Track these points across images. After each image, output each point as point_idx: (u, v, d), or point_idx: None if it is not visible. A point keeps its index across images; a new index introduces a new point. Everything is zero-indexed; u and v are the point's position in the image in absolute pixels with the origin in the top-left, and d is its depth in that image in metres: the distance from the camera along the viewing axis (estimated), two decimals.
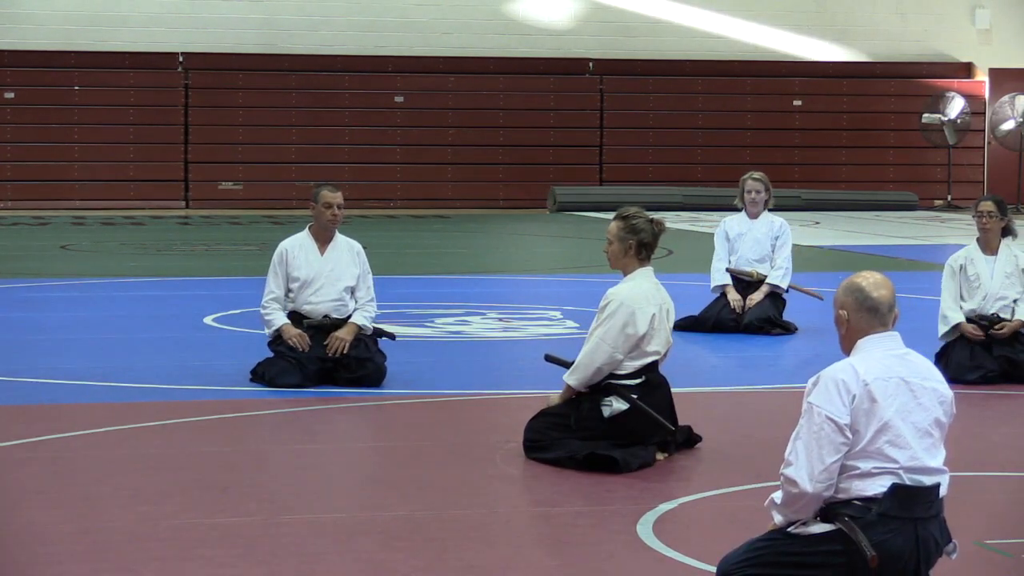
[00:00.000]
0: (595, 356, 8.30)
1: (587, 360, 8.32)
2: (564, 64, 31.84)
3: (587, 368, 8.33)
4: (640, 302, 8.31)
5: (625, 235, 8.40)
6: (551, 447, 8.32)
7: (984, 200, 11.33)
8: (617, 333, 8.27)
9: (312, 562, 6.48)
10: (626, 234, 8.40)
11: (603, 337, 8.28)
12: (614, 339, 8.27)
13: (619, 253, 8.43)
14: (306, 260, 10.76)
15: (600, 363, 8.30)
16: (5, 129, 29.86)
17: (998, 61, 33.30)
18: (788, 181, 31.27)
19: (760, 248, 13.73)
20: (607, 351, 8.28)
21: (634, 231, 8.39)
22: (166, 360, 11.78)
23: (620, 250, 8.42)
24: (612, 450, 8.16)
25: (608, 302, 8.33)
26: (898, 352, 5.27)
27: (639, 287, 8.37)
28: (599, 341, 8.29)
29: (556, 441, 8.31)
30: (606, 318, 8.30)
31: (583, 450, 8.18)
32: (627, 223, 8.41)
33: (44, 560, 6.47)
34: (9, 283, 17.15)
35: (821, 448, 5.14)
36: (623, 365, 8.34)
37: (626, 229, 8.40)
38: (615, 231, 8.42)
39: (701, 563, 6.41)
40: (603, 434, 8.28)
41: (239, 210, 29.84)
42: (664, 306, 8.42)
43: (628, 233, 8.40)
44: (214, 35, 30.71)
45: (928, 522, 5.19)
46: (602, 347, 8.28)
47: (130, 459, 8.41)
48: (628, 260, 8.43)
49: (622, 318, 8.27)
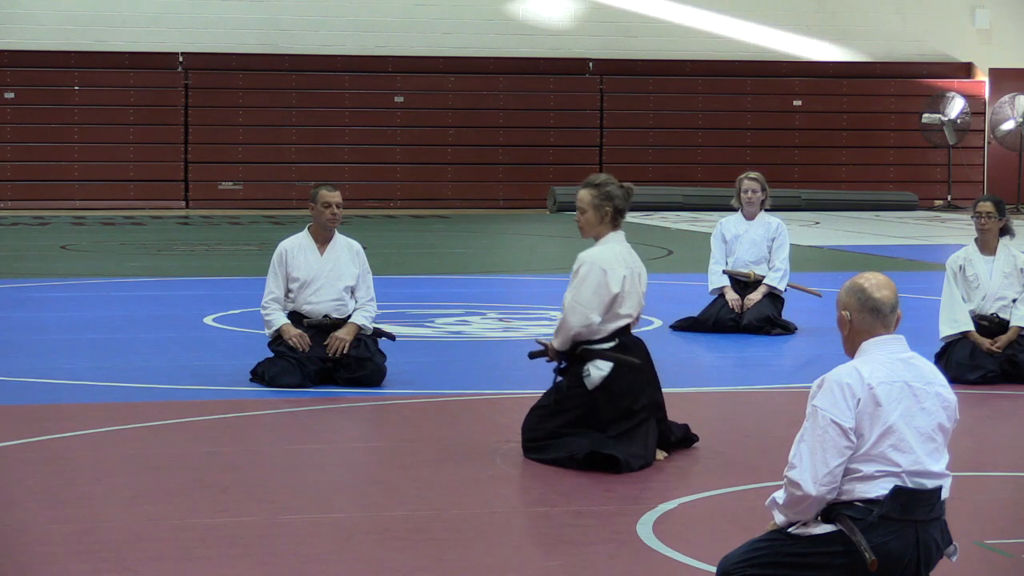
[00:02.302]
0: (572, 319, 8.37)
1: (565, 324, 8.40)
2: (564, 64, 31.84)
3: (566, 332, 8.41)
4: (611, 263, 8.40)
5: (600, 202, 8.49)
6: (549, 448, 8.32)
7: (982, 200, 11.34)
8: (591, 294, 8.36)
9: (312, 562, 6.48)
10: (601, 201, 8.49)
11: (576, 299, 8.38)
12: (588, 300, 8.36)
13: (594, 221, 8.52)
14: (306, 260, 10.76)
15: (577, 325, 8.37)
16: (5, 129, 29.87)
17: (998, 61, 33.29)
18: (788, 181, 31.29)
19: (757, 250, 13.73)
20: (582, 312, 8.35)
21: (608, 197, 8.49)
22: (166, 360, 11.78)
23: (596, 218, 8.51)
24: (614, 448, 8.17)
25: (580, 265, 8.43)
26: (903, 356, 5.27)
27: (611, 250, 8.47)
28: (573, 303, 8.38)
29: (555, 440, 8.32)
30: (579, 281, 8.40)
31: (583, 449, 8.18)
32: (600, 190, 8.50)
33: (44, 560, 6.47)
34: (9, 283, 17.15)
35: (825, 451, 5.13)
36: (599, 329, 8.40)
37: (600, 196, 8.49)
38: (588, 199, 8.50)
39: (701, 563, 6.41)
40: (592, 409, 8.32)
41: (239, 210, 29.84)
42: (635, 269, 8.52)
43: (603, 200, 8.49)
44: (214, 35, 30.71)
45: (929, 525, 5.19)
46: (577, 309, 8.37)
47: (130, 459, 8.41)
48: (603, 227, 8.52)
49: (594, 279, 8.36)
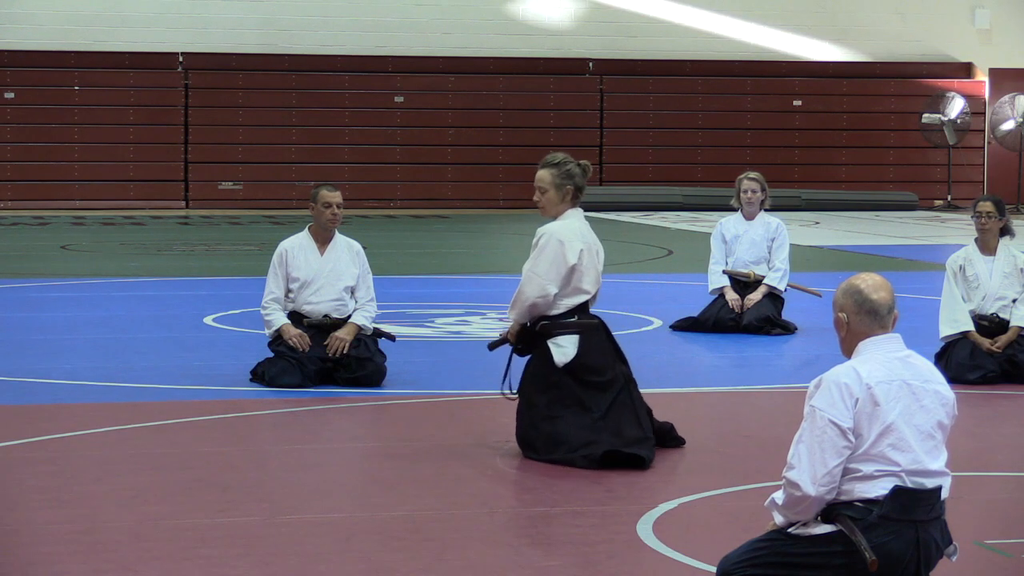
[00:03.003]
0: (528, 289, 8.46)
1: (521, 295, 8.49)
2: (564, 64, 31.84)
3: (523, 303, 8.50)
4: (569, 236, 8.50)
5: (562, 182, 8.59)
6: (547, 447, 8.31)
7: (982, 200, 11.34)
8: (548, 265, 8.45)
9: (312, 562, 6.48)
10: (563, 180, 8.59)
11: (533, 269, 8.47)
12: (545, 271, 8.44)
13: (556, 200, 8.61)
14: (306, 260, 10.76)
15: (533, 296, 8.45)
16: (5, 129, 29.87)
17: (998, 61, 33.30)
18: (788, 181, 31.30)
19: (757, 250, 13.73)
20: (538, 283, 8.44)
21: (569, 176, 8.60)
22: (166, 360, 11.78)
23: (557, 197, 8.60)
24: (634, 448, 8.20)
25: (539, 237, 8.54)
26: (900, 354, 5.27)
27: (570, 225, 8.58)
28: (530, 274, 8.48)
29: (556, 438, 8.31)
30: (537, 252, 8.50)
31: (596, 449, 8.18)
32: (561, 169, 8.60)
33: (44, 560, 6.47)
34: (9, 283, 17.15)
35: (824, 452, 5.13)
36: (556, 304, 8.48)
37: (561, 176, 8.59)
38: (549, 179, 8.59)
39: (701, 563, 6.41)
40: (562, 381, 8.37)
41: (239, 210, 29.84)
42: (593, 246, 8.63)
43: (564, 179, 8.60)
44: (214, 35, 30.71)
45: (929, 524, 5.18)
46: (534, 280, 8.47)
47: (130, 459, 8.41)
48: (564, 206, 8.62)
49: (552, 250, 8.45)
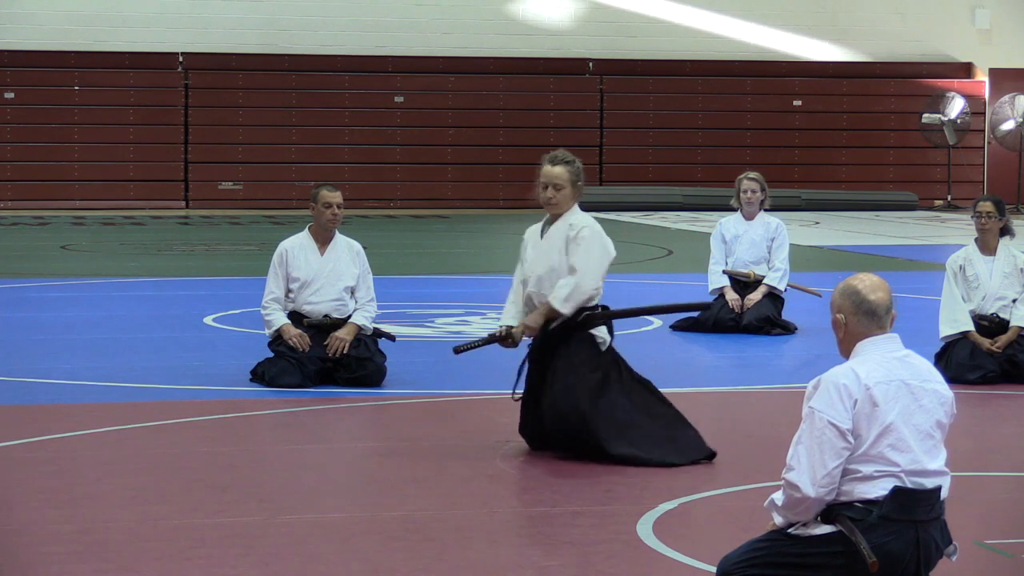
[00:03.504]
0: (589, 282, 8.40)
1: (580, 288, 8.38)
2: (564, 64, 31.84)
3: (581, 295, 8.40)
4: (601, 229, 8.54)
5: (576, 179, 8.61)
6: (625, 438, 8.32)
7: (982, 200, 11.34)
8: (599, 258, 8.46)
9: (312, 562, 6.48)
10: (576, 177, 8.62)
11: (588, 263, 8.42)
12: (598, 264, 8.45)
13: (571, 197, 8.61)
14: (306, 260, 10.77)
15: (591, 289, 8.42)
16: (5, 129, 29.87)
17: (998, 61, 33.29)
18: (788, 181, 31.29)
19: (757, 250, 13.73)
20: (597, 276, 8.44)
21: (580, 174, 8.65)
22: (166, 360, 11.79)
23: (572, 194, 8.61)
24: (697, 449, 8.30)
25: (579, 230, 8.48)
26: (898, 354, 5.26)
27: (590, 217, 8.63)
28: (587, 267, 8.41)
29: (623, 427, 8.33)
30: (587, 247, 8.44)
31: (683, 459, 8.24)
32: (573, 167, 8.63)
33: (44, 560, 6.47)
34: (9, 283, 17.15)
35: (823, 453, 5.13)
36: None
37: (575, 173, 8.62)
38: (567, 176, 8.57)
39: (701, 563, 6.41)
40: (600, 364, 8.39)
41: (239, 210, 29.84)
42: None
43: (577, 176, 8.62)
44: (214, 35, 30.71)
45: (929, 525, 5.18)
46: (593, 273, 8.43)
47: (130, 459, 8.41)
48: (574, 202, 8.64)
49: (600, 242, 8.48)
